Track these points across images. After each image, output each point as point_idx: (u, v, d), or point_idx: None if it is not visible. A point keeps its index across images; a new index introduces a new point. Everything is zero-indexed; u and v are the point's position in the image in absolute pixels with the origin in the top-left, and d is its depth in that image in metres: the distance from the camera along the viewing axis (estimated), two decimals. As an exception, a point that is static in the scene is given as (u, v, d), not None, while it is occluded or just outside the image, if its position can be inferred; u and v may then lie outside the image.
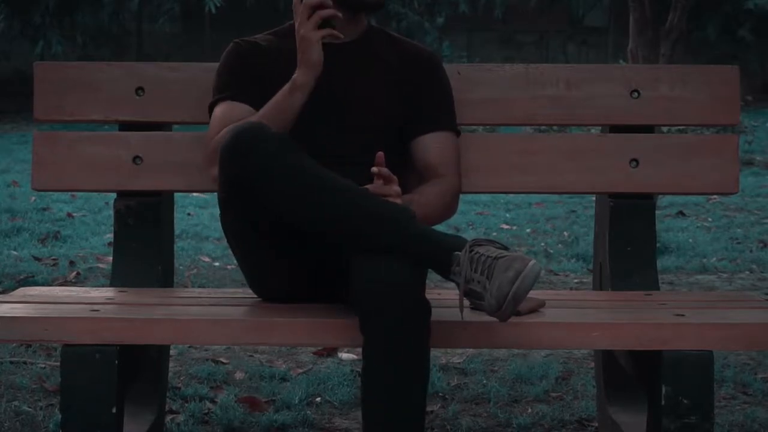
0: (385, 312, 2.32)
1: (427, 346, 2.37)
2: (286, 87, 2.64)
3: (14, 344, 3.87)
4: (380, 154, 2.51)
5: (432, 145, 2.77)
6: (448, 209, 2.77)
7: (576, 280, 5.27)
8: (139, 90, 2.95)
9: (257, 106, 2.70)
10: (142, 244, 2.91)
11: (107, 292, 2.78)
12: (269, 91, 2.70)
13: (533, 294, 2.74)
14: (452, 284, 2.39)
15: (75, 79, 2.95)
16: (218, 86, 2.77)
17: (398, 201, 2.50)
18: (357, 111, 2.73)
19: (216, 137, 2.67)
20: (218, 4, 15.74)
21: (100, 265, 5.38)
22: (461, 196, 2.85)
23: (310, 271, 2.59)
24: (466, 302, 2.37)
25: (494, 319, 2.35)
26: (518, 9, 18.92)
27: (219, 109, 2.74)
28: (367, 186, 2.50)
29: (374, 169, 2.50)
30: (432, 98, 2.80)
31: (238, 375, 3.70)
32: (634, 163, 2.93)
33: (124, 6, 17.89)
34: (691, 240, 6.19)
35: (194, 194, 7.71)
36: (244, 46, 2.79)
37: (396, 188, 2.53)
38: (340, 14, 2.62)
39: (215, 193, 2.74)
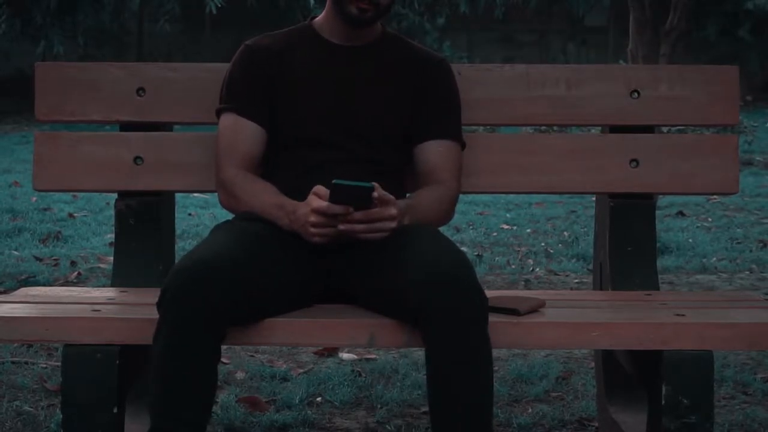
0: (453, 304, 2.31)
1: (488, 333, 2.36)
2: (280, 204, 2.60)
3: (15, 344, 3.88)
4: (376, 184, 2.47)
5: (434, 151, 2.75)
6: (446, 215, 2.74)
7: (576, 280, 5.27)
8: (140, 90, 2.95)
9: (264, 119, 2.72)
10: (143, 244, 2.92)
11: (108, 292, 2.79)
12: (280, 94, 2.72)
13: (534, 294, 2.75)
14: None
15: (76, 79, 2.95)
16: (227, 92, 2.77)
17: (393, 224, 2.48)
18: (364, 114, 2.72)
19: (225, 172, 2.70)
20: (219, 4, 15.73)
21: (101, 265, 5.38)
22: (462, 196, 2.85)
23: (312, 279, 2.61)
24: None
25: (495, 318, 2.35)
26: (518, 9, 18.90)
27: (226, 122, 2.74)
28: (368, 210, 2.46)
29: (375, 194, 2.45)
30: (439, 105, 2.78)
31: (239, 375, 3.70)
32: (634, 163, 2.94)
33: (125, 6, 17.89)
34: (691, 240, 6.19)
35: (195, 194, 7.71)
36: (256, 51, 2.77)
37: (392, 211, 2.49)
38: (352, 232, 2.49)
39: (216, 194, 2.77)
